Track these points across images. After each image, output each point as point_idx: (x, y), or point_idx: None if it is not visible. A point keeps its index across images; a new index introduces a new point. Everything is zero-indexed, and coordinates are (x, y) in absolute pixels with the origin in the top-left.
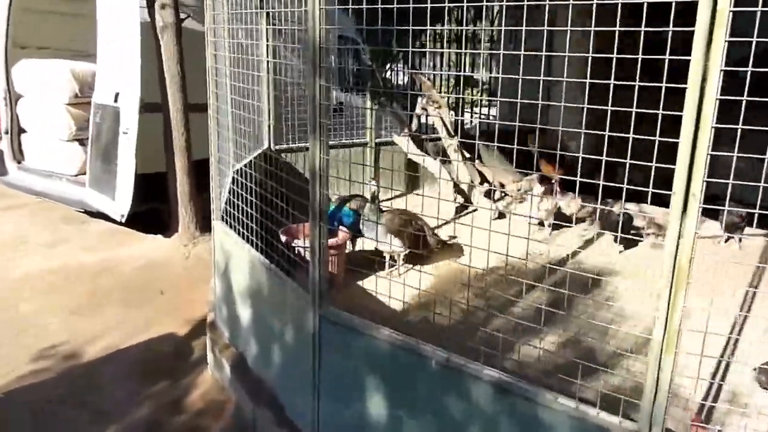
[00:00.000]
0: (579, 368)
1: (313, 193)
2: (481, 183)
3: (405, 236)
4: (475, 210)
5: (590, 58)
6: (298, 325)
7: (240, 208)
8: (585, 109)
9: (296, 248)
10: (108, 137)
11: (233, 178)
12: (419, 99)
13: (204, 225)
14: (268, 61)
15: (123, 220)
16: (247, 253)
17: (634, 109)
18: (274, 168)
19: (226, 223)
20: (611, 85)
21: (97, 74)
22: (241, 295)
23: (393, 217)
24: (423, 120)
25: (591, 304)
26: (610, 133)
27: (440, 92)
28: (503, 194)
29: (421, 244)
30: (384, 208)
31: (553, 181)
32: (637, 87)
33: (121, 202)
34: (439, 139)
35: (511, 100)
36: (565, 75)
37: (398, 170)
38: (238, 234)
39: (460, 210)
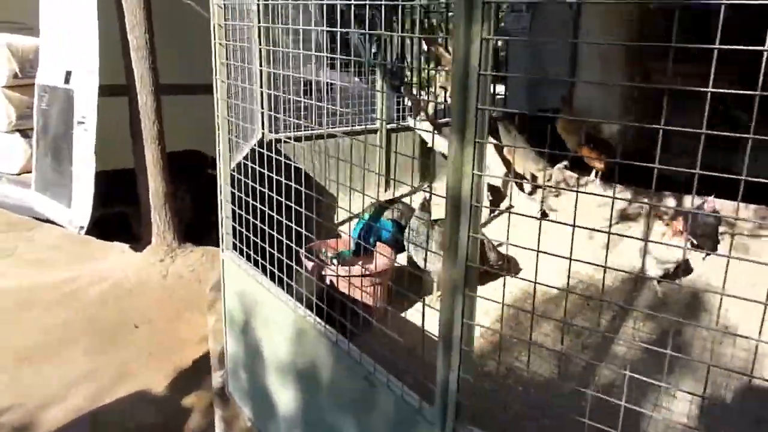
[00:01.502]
0: None
1: (453, 237)
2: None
3: None
4: (509, 208)
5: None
6: None
7: (255, 228)
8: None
9: (335, 282)
10: (59, 128)
11: (232, 176)
12: (436, 77)
13: (183, 233)
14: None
15: (82, 233)
16: (292, 312)
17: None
18: (280, 162)
19: (239, 252)
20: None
21: (40, 48)
22: (279, 367)
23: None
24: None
25: (707, 334)
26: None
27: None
28: (534, 187)
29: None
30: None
31: (597, 170)
32: None
33: (78, 211)
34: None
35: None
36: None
37: (413, 158)
38: (261, 269)
39: (491, 209)
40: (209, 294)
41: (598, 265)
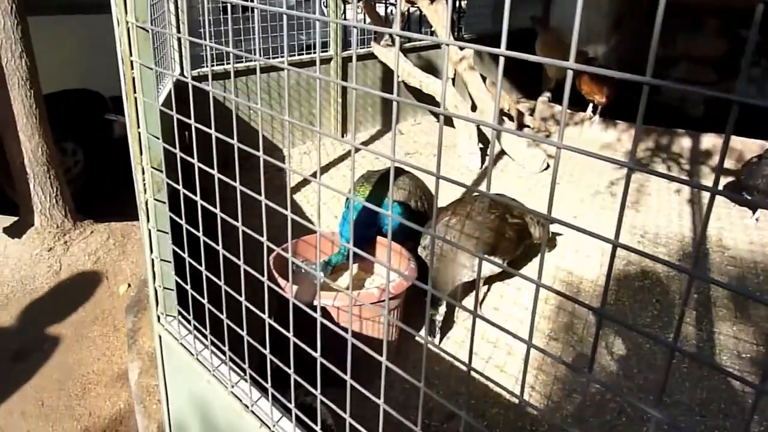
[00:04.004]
0: None
1: None
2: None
3: (507, 244)
4: (500, 155)
5: None
6: None
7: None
8: None
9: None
10: None
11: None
12: None
13: (79, 206)
14: None
15: None
16: None
17: None
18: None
19: (189, 323)
20: None
21: None
22: None
23: (485, 216)
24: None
25: None
26: None
27: None
28: (519, 125)
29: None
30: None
31: (597, 104)
32: None
33: None
34: (428, 48)
35: None
36: None
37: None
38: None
39: (482, 160)
40: (126, 313)
41: None
